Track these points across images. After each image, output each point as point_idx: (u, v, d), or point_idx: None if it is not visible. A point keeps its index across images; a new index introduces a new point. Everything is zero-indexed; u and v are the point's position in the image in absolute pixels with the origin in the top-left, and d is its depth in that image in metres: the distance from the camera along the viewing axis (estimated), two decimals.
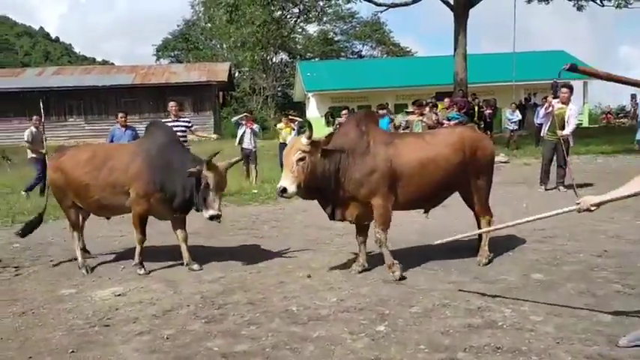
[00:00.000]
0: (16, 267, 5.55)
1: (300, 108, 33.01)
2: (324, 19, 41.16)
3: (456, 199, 5.23)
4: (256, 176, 11.47)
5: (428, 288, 4.37)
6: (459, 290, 4.27)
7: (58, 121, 27.15)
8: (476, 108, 19.72)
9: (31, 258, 5.95)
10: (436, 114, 11.45)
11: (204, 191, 4.88)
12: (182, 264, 5.36)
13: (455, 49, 20.75)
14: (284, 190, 4.33)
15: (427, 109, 10.80)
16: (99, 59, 64.27)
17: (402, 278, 4.56)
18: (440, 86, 26.47)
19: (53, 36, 72.45)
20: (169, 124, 8.62)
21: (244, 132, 11.33)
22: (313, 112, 26.91)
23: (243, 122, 11.44)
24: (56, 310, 4.25)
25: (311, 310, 4.01)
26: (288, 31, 40.35)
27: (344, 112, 11.92)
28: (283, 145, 10.77)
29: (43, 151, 9.77)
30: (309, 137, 4.37)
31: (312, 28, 45.92)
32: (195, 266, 5.23)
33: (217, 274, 5.05)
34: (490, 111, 18.55)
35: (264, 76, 40.58)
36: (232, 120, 12.37)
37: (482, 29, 73.03)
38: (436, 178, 4.71)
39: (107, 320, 3.97)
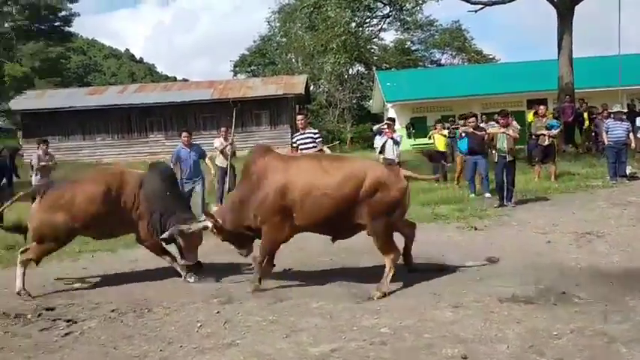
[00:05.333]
0: (68, 321, 4.32)
1: (377, 120, 31.48)
2: (405, 26, 39.52)
3: None
4: None
5: None
6: None
7: (139, 137, 27.21)
8: (585, 115, 17.46)
9: (89, 306, 4.74)
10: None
11: None
12: (273, 321, 4.12)
13: (559, 51, 18.39)
14: None
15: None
16: (180, 78, 66.31)
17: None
18: (530, 93, 24.42)
19: (138, 57, 75.76)
20: (297, 137, 8.87)
21: (385, 141, 10.42)
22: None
23: (385, 131, 10.58)
24: None
25: None
26: (364, 41, 39.00)
27: (464, 121, 10.03)
28: None
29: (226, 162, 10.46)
30: None
31: (389, 37, 44.38)
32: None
33: (325, 343, 3.60)
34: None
35: (341, 88, 39.41)
36: (374, 128, 11.64)
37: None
38: (325, 206, 4.73)
39: None
